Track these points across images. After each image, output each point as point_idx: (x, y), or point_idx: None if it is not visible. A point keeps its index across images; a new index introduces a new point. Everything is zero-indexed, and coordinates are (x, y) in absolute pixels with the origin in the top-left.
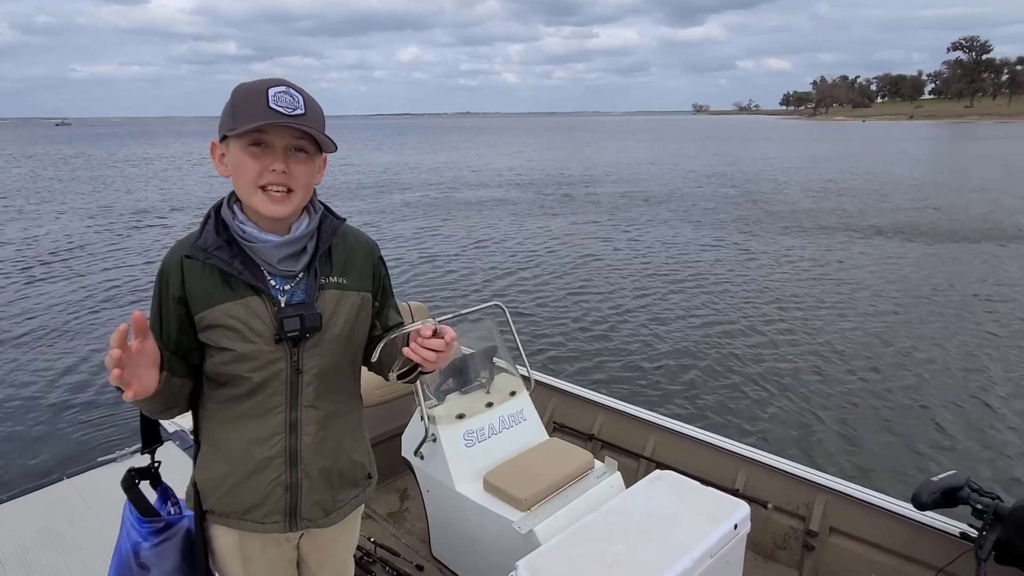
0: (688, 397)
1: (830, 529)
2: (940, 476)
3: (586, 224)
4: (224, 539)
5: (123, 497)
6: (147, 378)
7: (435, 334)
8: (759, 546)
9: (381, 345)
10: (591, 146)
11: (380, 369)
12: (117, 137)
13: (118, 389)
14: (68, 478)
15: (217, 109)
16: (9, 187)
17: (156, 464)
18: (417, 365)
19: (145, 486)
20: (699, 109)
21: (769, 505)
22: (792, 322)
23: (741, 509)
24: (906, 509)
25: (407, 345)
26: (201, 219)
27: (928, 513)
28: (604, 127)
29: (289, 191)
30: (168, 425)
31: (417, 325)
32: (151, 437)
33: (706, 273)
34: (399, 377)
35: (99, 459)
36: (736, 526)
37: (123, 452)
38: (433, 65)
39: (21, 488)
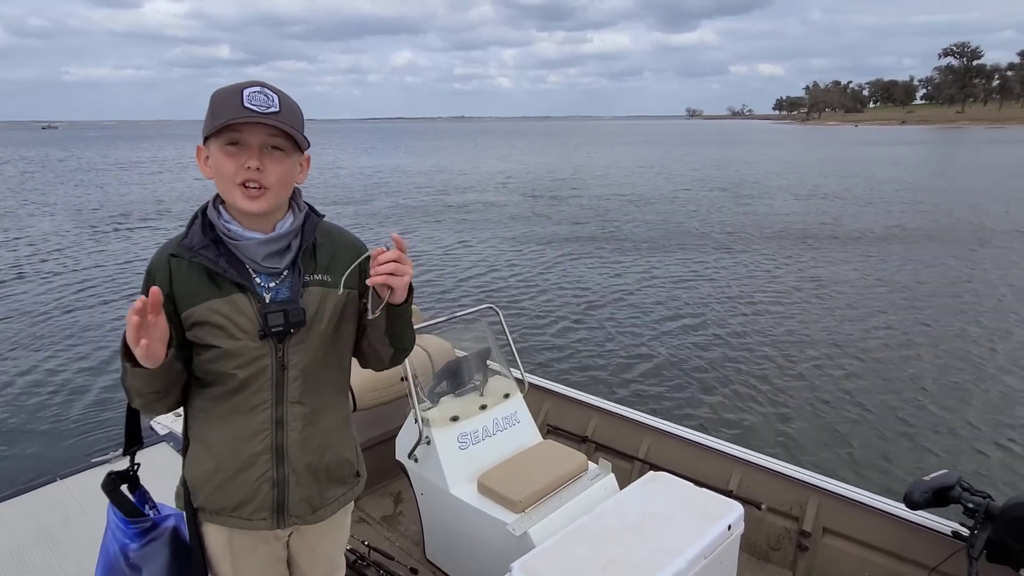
0: (681, 399)
1: (823, 529)
2: (932, 476)
3: (579, 227)
4: (214, 536)
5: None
6: (157, 350)
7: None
8: (753, 547)
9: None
10: (584, 150)
11: (368, 342)
12: (109, 140)
13: (126, 357)
14: (61, 479)
15: None
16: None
17: (136, 467)
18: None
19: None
20: (692, 114)
21: (763, 506)
22: (783, 324)
23: (735, 510)
24: (898, 509)
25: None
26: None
27: (920, 512)
28: (598, 131)
29: (264, 188)
30: (159, 428)
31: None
32: (132, 439)
33: (699, 276)
34: (385, 313)
35: (92, 460)
36: (730, 527)
37: (116, 453)
38: (427, 69)
39: (14, 489)
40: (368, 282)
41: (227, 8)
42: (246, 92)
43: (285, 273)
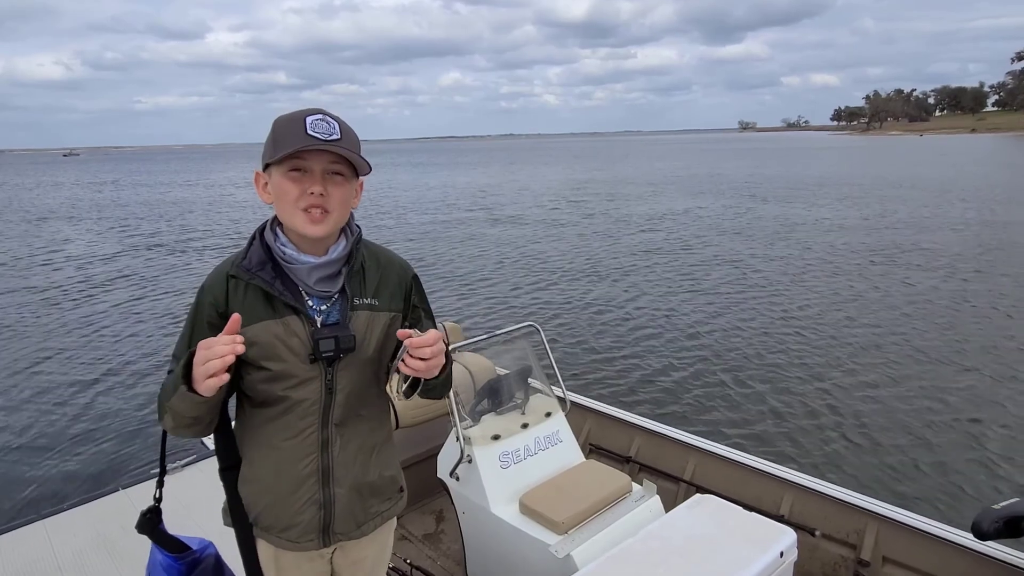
0: (729, 419)
1: (883, 559)
2: (1003, 504)
3: (622, 244)
4: (261, 552)
5: (174, 508)
6: (222, 380)
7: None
8: (807, 575)
9: (393, 374)
10: (632, 165)
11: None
12: (180, 161)
13: (186, 384)
14: (123, 489)
15: None
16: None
17: (159, 499)
18: (418, 379)
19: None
20: (745, 126)
21: (817, 532)
22: (839, 342)
23: (787, 536)
24: (965, 538)
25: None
26: (246, 240)
27: (990, 543)
28: (649, 145)
29: (327, 212)
30: (210, 443)
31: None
32: (163, 470)
33: (749, 293)
34: (407, 394)
35: (151, 472)
36: (782, 554)
37: (174, 465)
38: (474, 89)
39: (79, 498)
40: (400, 367)
41: (283, 36)
42: (309, 120)
43: (336, 296)
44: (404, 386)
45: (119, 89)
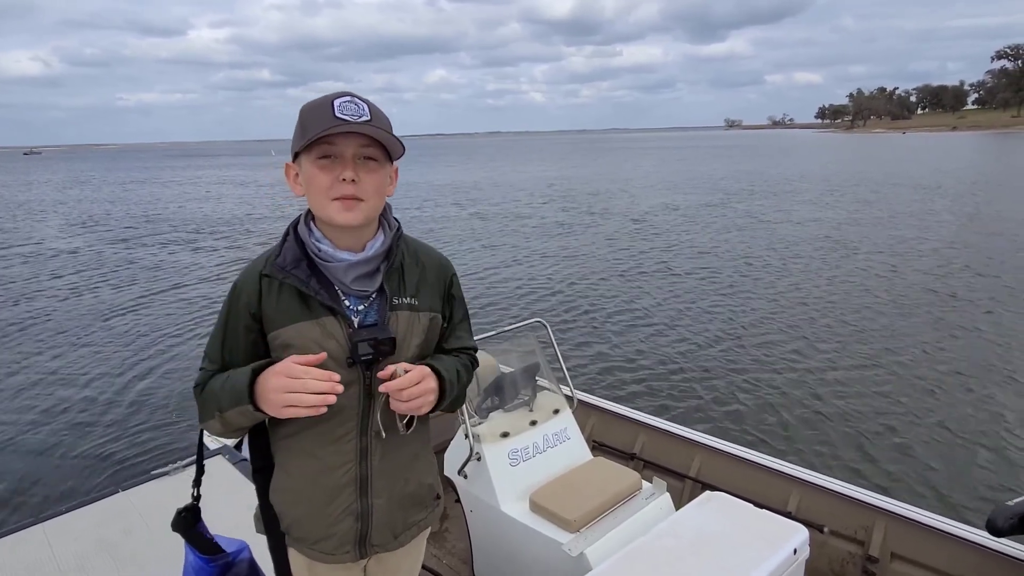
0: (734, 415)
1: (892, 555)
2: (1018, 500)
3: (629, 240)
4: (294, 561)
5: (176, 507)
6: None
7: (393, 376)
8: (816, 572)
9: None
10: (627, 163)
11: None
12: (168, 158)
13: (250, 399)
14: (123, 491)
15: (255, 132)
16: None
17: (198, 498)
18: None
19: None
20: (731, 124)
21: (825, 529)
22: (846, 337)
23: (800, 533)
24: (978, 535)
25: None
26: (280, 236)
27: (1004, 540)
28: (636, 142)
29: (361, 200)
30: (212, 443)
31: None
32: (201, 469)
33: (754, 288)
34: (406, 427)
35: (152, 472)
36: (795, 551)
37: (175, 466)
38: (461, 86)
39: (79, 500)
40: (392, 407)
41: (266, 33)
42: (336, 102)
43: (373, 296)
44: (401, 423)
45: (100, 86)
